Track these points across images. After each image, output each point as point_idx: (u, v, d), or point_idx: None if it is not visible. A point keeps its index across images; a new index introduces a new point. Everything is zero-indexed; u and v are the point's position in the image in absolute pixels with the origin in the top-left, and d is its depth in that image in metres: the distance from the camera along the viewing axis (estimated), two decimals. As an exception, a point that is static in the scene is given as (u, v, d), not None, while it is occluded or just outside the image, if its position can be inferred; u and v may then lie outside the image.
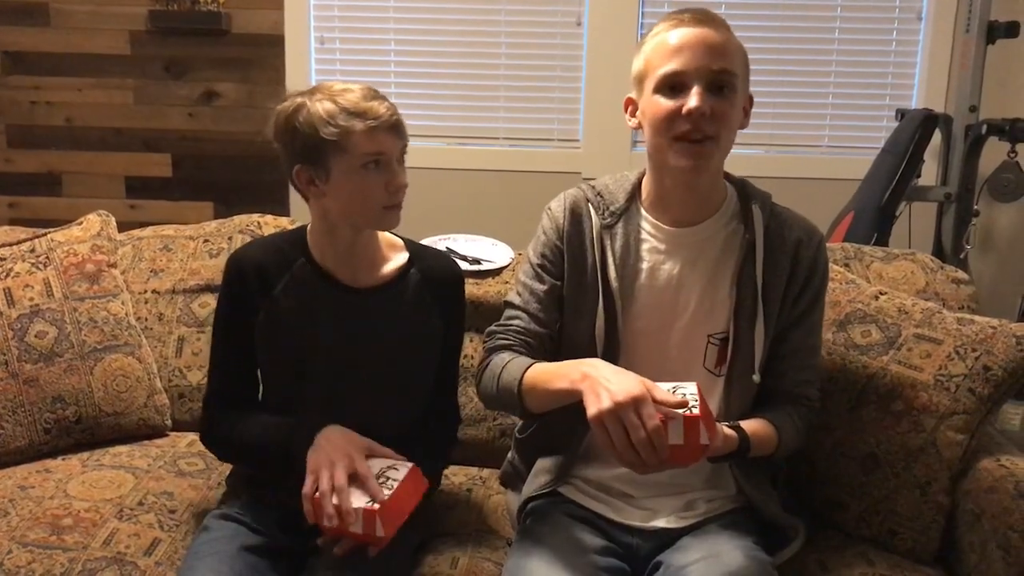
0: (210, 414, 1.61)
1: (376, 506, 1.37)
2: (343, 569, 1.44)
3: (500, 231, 2.31)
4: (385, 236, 1.65)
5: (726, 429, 1.42)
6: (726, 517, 1.56)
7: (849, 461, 1.65)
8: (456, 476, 1.91)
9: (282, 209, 3.17)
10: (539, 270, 1.61)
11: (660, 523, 1.56)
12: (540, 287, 1.60)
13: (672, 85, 1.45)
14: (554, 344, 1.61)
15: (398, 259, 1.64)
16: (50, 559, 1.52)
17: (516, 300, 1.62)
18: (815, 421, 1.62)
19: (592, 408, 1.28)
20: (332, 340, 1.58)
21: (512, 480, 1.79)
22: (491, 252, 2.18)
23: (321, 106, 1.46)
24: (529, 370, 1.47)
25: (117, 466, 1.81)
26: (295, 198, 3.25)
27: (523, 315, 1.60)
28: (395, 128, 1.50)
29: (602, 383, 1.30)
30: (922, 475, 1.58)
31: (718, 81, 1.44)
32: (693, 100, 1.42)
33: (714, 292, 1.55)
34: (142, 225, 2.24)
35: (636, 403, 1.26)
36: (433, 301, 1.64)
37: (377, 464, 1.45)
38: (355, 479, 1.40)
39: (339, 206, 1.53)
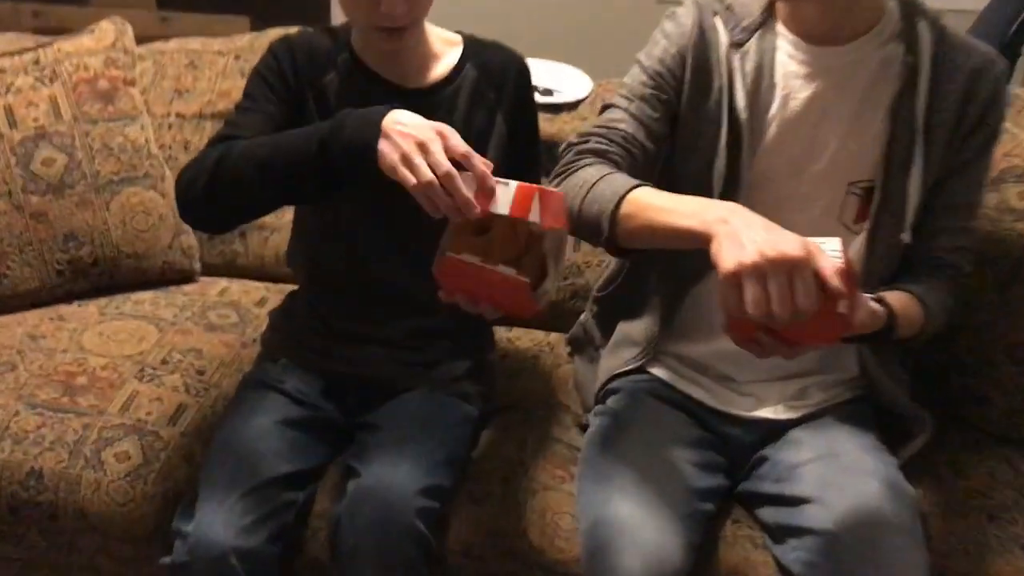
0: (202, 150, 1.20)
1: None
2: (397, 444, 1.24)
3: (576, 57, 1.98)
4: (438, 32, 1.35)
5: (871, 303, 1.15)
6: (844, 408, 1.32)
7: (996, 348, 1.38)
8: (520, 340, 1.68)
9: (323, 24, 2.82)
10: (656, 77, 1.29)
11: (766, 413, 1.32)
12: (656, 94, 1.28)
13: None
14: (659, 165, 1.33)
15: (452, 56, 1.34)
16: (62, 424, 1.32)
17: (622, 103, 1.29)
18: (962, 298, 1.34)
19: (729, 258, 0.97)
20: None
21: (582, 346, 1.55)
22: (566, 80, 1.86)
23: None
24: (637, 190, 1.14)
25: (139, 316, 1.59)
26: (336, 10, 2.91)
27: (631, 120, 1.27)
28: None
29: (747, 232, 0.99)
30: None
31: None
32: None
33: (861, 129, 1.25)
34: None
35: (792, 266, 0.96)
36: (495, 99, 1.35)
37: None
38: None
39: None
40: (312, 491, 1.27)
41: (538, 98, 1.71)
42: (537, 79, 1.82)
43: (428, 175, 0.99)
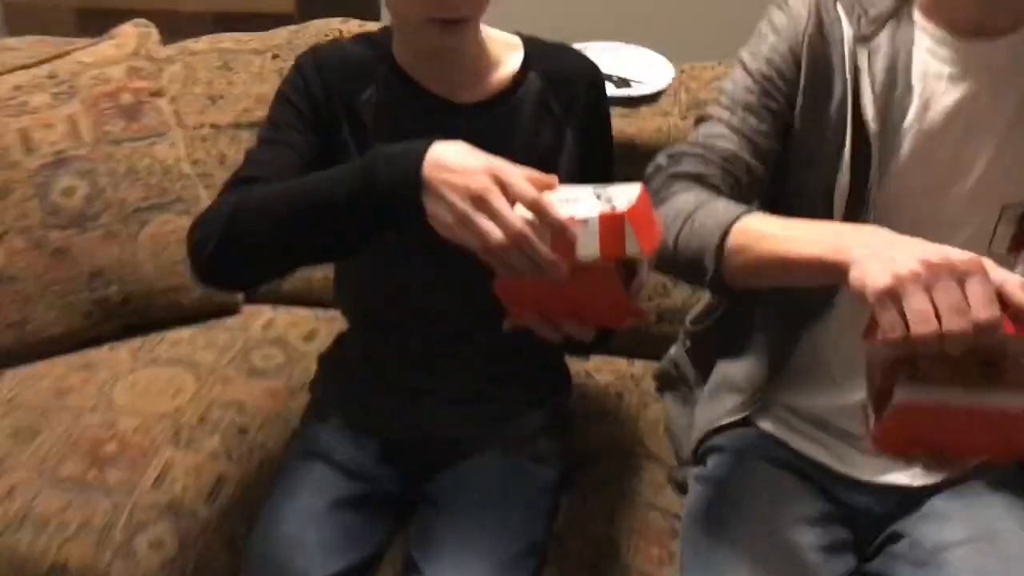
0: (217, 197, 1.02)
1: (613, 209, 0.80)
2: (465, 536, 1.06)
3: (653, 39, 1.74)
4: (497, 35, 1.13)
5: None
6: (998, 472, 1.10)
7: None
8: (600, 372, 1.48)
9: (371, 14, 2.60)
10: (764, 81, 1.07)
11: (899, 478, 1.11)
12: (763, 103, 1.07)
13: None
14: (764, 191, 1.11)
15: (511, 63, 1.12)
16: (88, 506, 1.17)
17: (722, 114, 1.08)
18: None
19: (880, 274, 0.76)
20: None
21: (674, 384, 1.35)
22: (644, 68, 1.63)
23: None
24: (746, 217, 0.94)
25: (175, 361, 1.43)
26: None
27: (733, 136, 1.06)
28: None
29: (899, 246, 0.79)
30: None
31: None
32: None
33: (1020, 140, 1.01)
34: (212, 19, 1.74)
35: (963, 272, 0.75)
36: (561, 113, 1.13)
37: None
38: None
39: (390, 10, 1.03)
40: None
41: (611, 91, 1.49)
42: (609, 67, 1.60)
43: (497, 237, 0.79)
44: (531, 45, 1.14)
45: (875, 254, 0.78)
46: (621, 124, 1.48)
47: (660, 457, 1.34)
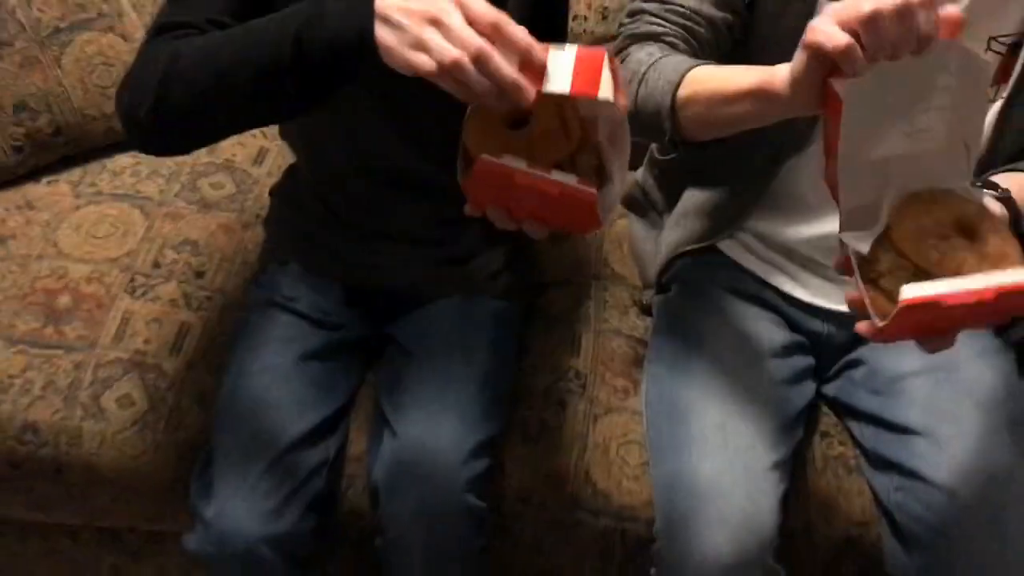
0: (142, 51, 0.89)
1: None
2: (434, 389, 1.07)
3: None
4: None
5: (989, 196, 0.90)
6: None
7: None
8: (565, 187, 1.44)
9: None
10: None
11: (864, 306, 1.12)
12: None
13: None
14: (727, 47, 1.04)
15: None
16: (51, 365, 1.15)
17: None
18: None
19: (825, 24, 0.73)
20: None
21: (640, 208, 1.32)
22: None
23: None
24: (696, 69, 0.92)
25: (119, 196, 1.36)
26: None
27: None
28: None
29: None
30: None
31: None
32: None
33: None
34: None
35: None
36: None
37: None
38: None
39: None
40: (344, 434, 1.12)
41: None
42: None
43: (451, 52, 0.70)
44: None
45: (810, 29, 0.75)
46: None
47: (625, 278, 1.33)
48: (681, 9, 0.98)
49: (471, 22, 0.71)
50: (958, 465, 0.99)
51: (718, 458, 1.00)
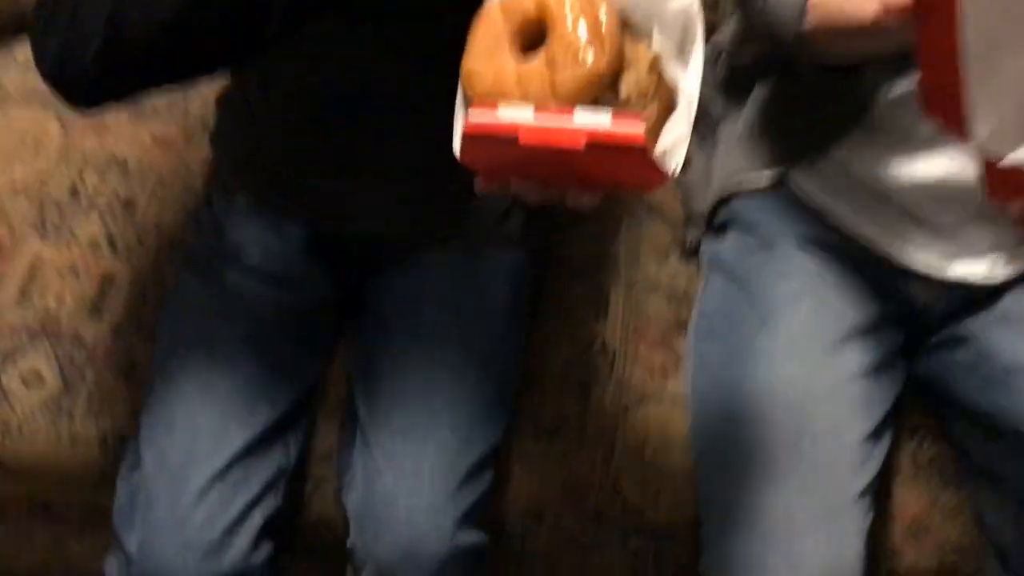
0: None
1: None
2: (420, 353, 0.84)
3: None
4: None
5: None
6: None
7: None
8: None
9: None
10: None
11: (973, 267, 0.86)
12: None
13: None
14: None
15: None
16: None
17: None
18: None
19: None
20: None
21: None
22: None
23: None
24: None
25: (28, 96, 1.07)
26: None
27: None
28: None
29: None
30: None
31: None
32: None
33: None
34: None
35: None
36: None
37: None
38: None
39: None
40: (307, 427, 0.89)
41: None
42: None
43: None
44: None
45: None
46: None
47: (664, 211, 1.07)
48: None
49: None
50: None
51: (790, 485, 0.78)
